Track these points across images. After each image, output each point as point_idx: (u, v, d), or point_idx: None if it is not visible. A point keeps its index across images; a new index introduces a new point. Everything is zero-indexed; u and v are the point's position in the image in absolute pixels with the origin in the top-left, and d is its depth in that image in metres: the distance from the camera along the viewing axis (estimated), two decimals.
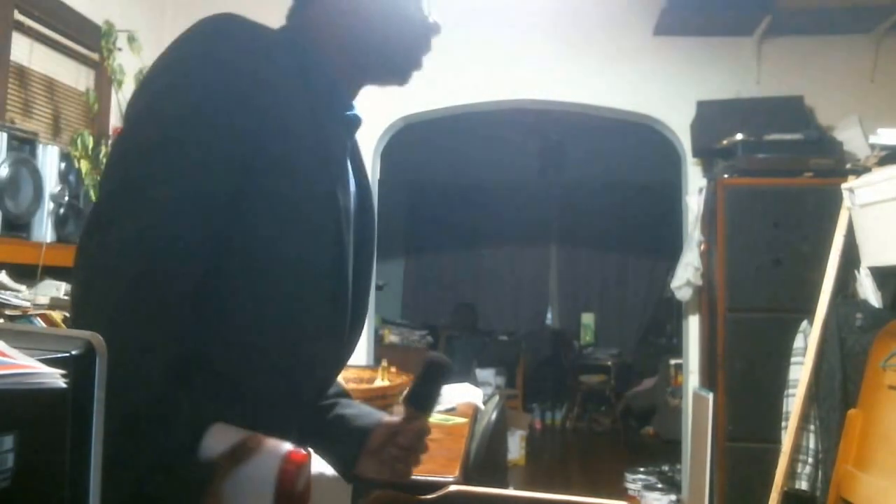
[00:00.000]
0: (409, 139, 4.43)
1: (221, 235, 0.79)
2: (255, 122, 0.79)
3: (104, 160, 2.63)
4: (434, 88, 3.91)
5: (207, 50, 0.81)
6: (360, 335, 1.00)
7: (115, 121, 3.21)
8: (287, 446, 0.75)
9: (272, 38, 0.87)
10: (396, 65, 0.96)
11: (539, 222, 7.38)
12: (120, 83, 3.02)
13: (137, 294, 0.75)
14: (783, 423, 3.10)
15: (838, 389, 2.86)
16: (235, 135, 0.79)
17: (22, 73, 2.77)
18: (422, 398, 1.02)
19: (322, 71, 0.91)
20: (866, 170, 3.18)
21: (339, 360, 0.97)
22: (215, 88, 0.79)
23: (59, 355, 0.49)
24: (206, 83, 0.79)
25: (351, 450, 1.02)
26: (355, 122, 0.98)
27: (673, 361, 5.36)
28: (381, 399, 2.29)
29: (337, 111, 0.94)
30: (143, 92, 0.83)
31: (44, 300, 2.22)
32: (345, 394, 1.09)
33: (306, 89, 0.87)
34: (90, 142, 2.72)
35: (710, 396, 3.46)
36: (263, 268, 0.82)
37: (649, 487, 4.50)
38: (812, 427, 3.01)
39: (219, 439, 0.76)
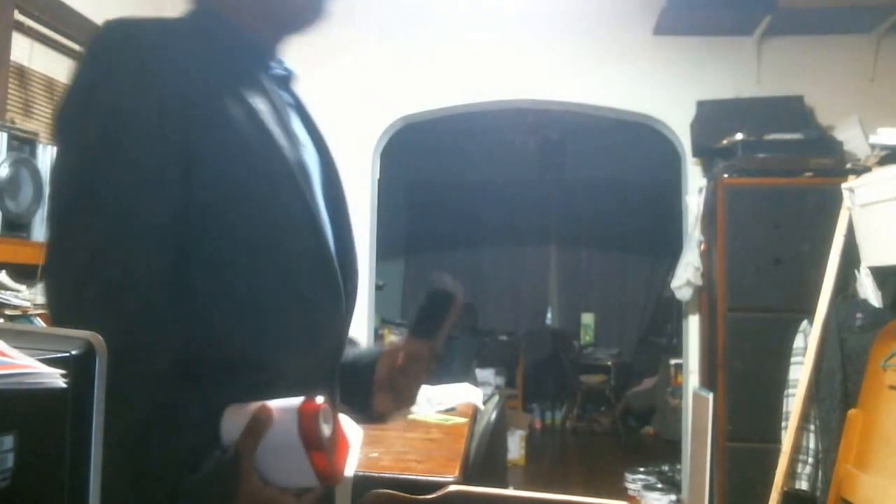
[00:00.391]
0: (409, 139, 4.43)
1: (186, 225, 0.80)
2: (180, 110, 0.80)
3: None
4: (434, 88, 3.92)
5: (114, 59, 0.82)
6: (356, 288, 0.98)
7: None
8: (296, 402, 0.75)
9: (173, 28, 0.88)
10: (302, 6, 0.96)
11: (539, 222, 7.38)
12: None
13: (119, 298, 0.76)
14: (783, 423, 3.10)
15: (838, 389, 2.86)
16: (167, 126, 0.80)
17: (22, 73, 2.77)
18: (424, 330, 0.97)
19: (234, 38, 0.92)
20: (866, 170, 3.18)
21: (344, 316, 0.95)
22: (136, 90, 0.80)
23: (59, 355, 0.49)
24: (124, 88, 0.80)
25: (365, 393, 1.01)
26: (287, 78, 0.99)
27: (673, 361, 5.35)
28: None
29: (260, 72, 0.94)
30: (69, 101, 0.84)
31: (44, 300, 2.21)
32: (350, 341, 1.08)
33: (223, 62, 0.88)
34: None
35: (710, 396, 3.46)
36: (235, 243, 0.83)
37: (649, 487, 4.50)
38: (812, 427, 3.00)
39: (234, 419, 0.77)
